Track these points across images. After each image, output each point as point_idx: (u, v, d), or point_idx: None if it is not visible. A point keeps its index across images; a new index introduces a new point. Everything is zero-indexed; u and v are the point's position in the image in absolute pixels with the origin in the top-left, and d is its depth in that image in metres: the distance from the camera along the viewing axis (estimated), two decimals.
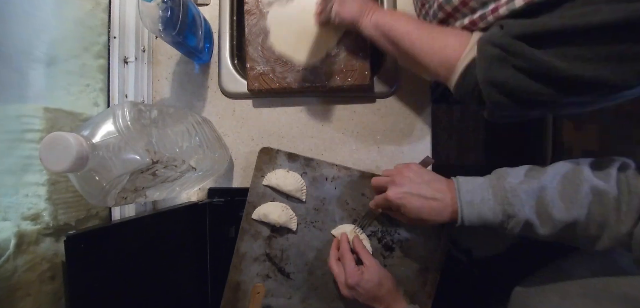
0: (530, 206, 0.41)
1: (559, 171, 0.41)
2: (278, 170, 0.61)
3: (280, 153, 0.61)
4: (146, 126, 0.42)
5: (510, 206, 0.41)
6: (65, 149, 0.33)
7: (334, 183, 0.61)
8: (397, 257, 0.60)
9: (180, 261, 0.59)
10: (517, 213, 0.41)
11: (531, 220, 0.41)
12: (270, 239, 0.61)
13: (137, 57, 0.62)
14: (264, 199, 0.61)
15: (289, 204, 0.61)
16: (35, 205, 0.46)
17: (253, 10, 0.62)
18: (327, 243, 0.60)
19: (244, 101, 0.66)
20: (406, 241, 0.60)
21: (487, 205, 0.43)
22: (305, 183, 0.61)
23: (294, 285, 0.61)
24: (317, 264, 0.61)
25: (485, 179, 0.45)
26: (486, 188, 0.44)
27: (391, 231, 0.60)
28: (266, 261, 0.61)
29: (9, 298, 0.42)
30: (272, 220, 0.59)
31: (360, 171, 0.60)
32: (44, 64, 0.50)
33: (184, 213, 0.60)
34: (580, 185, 0.39)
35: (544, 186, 0.40)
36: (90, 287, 0.44)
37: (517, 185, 0.42)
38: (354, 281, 0.52)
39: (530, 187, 0.41)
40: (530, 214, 0.41)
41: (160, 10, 0.50)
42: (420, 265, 0.59)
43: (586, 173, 0.40)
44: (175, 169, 0.46)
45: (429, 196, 0.46)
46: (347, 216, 0.60)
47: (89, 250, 0.44)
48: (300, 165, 0.61)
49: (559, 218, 0.39)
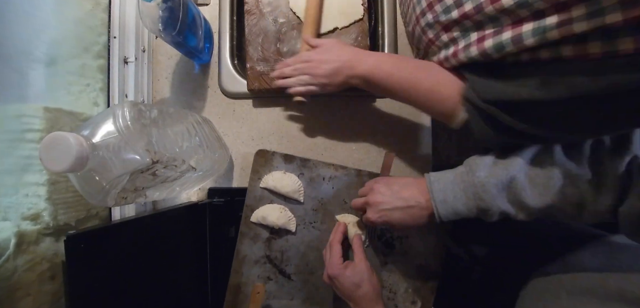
0: (502, 197, 0.41)
1: (528, 157, 0.41)
2: (275, 172, 0.61)
3: (276, 155, 0.61)
4: (146, 126, 0.42)
5: (482, 201, 0.42)
6: (65, 149, 0.32)
7: (331, 182, 0.61)
8: (397, 254, 0.60)
9: (180, 261, 0.59)
10: (490, 206, 0.41)
11: (505, 209, 0.41)
12: (269, 241, 0.61)
13: (137, 57, 0.62)
14: (261, 201, 0.61)
15: (287, 205, 0.61)
16: (35, 204, 0.46)
17: (253, 10, 0.62)
18: (327, 243, 0.60)
19: (244, 101, 0.66)
20: (405, 238, 0.60)
21: (460, 201, 0.43)
22: (303, 183, 0.61)
23: (295, 286, 0.61)
24: (318, 264, 0.61)
25: (455, 175, 0.45)
26: (457, 184, 0.44)
27: (390, 229, 0.60)
28: (266, 264, 0.61)
29: (9, 298, 0.41)
30: (270, 222, 0.59)
31: (357, 170, 0.60)
32: (44, 64, 0.50)
33: (184, 213, 0.60)
34: (552, 170, 0.39)
35: (513, 177, 0.40)
36: (90, 287, 0.44)
37: (486, 178, 0.42)
38: (333, 273, 0.52)
39: (499, 180, 0.41)
40: (503, 205, 0.41)
41: (160, 10, 0.50)
42: (420, 261, 0.59)
43: (557, 156, 0.39)
44: (175, 169, 0.46)
45: (404, 205, 0.47)
46: None
47: (89, 250, 0.44)
48: (297, 166, 0.61)
49: (533, 205, 0.39)
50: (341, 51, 0.53)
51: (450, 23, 0.41)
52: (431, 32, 0.46)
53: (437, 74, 0.46)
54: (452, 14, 0.40)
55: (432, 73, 0.46)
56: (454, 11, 0.40)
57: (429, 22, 0.45)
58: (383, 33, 0.65)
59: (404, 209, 0.47)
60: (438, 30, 0.44)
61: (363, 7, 0.61)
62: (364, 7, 0.61)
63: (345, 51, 0.53)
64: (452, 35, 0.42)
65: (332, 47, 0.54)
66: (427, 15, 0.45)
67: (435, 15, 0.43)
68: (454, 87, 0.43)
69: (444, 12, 0.41)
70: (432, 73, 0.46)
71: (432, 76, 0.46)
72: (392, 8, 0.65)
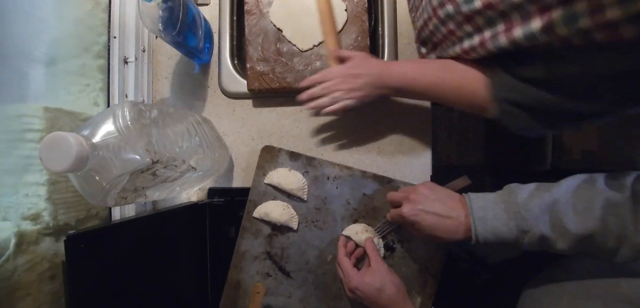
0: (544, 220, 0.40)
1: (572, 185, 0.41)
2: (280, 169, 0.61)
3: (282, 152, 0.61)
4: (146, 126, 0.42)
5: (523, 221, 0.41)
6: (65, 149, 0.32)
7: (335, 182, 0.61)
8: (398, 257, 0.60)
9: (180, 261, 0.59)
10: (532, 227, 0.41)
11: (546, 234, 0.40)
12: (271, 237, 0.61)
13: (137, 57, 0.62)
14: (265, 197, 0.61)
15: (290, 203, 0.61)
16: (35, 204, 0.46)
17: (253, 10, 0.62)
18: (328, 242, 0.61)
19: (244, 101, 0.66)
20: (407, 242, 0.60)
21: (501, 221, 0.42)
22: (307, 182, 0.61)
23: (294, 284, 0.61)
24: (318, 263, 0.61)
25: (496, 195, 0.45)
26: (498, 203, 0.43)
27: (392, 232, 0.60)
28: (266, 260, 0.61)
29: (9, 298, 0.41)
30: (273, 219, 0.59)
31: (362, 171, 0.60)
32: (44, 64, 0.50)
33: (184, 213, 0.60)
34: (594, 197, 0.38)
35: (557, 200, 0.40)
36: (90, 287, 0.44)
37: (529, 199, 0.41)
38: (353, 284, 0.52)
39: (542, 201, 0.41)
40: (544, 228, 0.40)
41: (160, 10, 0.50)
42: (420, 266, 0.59)
43: (600, 185, 0.39)
44: (175, 169, 0.46)
45: (443, 213, 0.46)
46: (348, 216, 0.61)
47: (89, 250, 0.44)
48: (302, 164, 0.61)
49: (574, 231, 0.38)
50: (370, 64, 0.53)
51: (472, 13, 0.41)
52: (452, 23, 0.45)
53: (460, 71, 0.47)
54: (474, 4, 0.39)
55: (456, 71, 0.47)
56: (476, 1, 0.39)
57: (449, 13, 0.44)
58: (383, 33, 0.65)
59: (441, 217, 0.46)
60: (460, 21, 0.43)
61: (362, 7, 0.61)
62: (364, 8, 0.61)
63: (373, 64, 0.53)
64: (477, 24, 0.42)
65: (362, 61, 0.54)
66: (447, 7, 0.44)
67: (456, 6, 0.42)
68: (480, 82, 0.45)
69: (466, 2, 0.41)
70: (456, 71, 0.47)
71: (457, 74, 0.47)
72: (392, 8, 0.65)
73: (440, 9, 0.45)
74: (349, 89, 0.53)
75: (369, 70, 0.52)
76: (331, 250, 0.61)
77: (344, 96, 0.53)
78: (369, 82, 0.52)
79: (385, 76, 0.52)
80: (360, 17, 0.61)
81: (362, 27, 0.61)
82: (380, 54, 0.66)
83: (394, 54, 0.65)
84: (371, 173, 0.60)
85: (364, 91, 0.52)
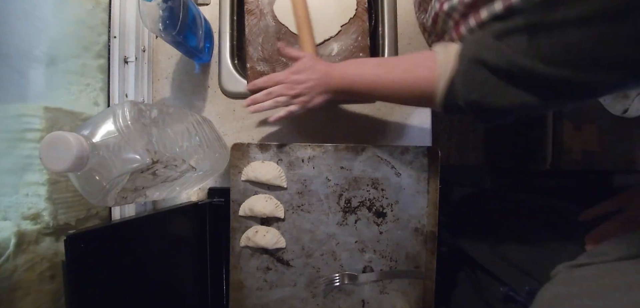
0: None
1: None
2: (253, 163, 0.61)
3: (251, 146, 0.61)
4: (146, 126, 0.42)
5: None
6: (65, 148, 0.32)
7: (311, 162, 0.61)
8: (390, 222, 0.60)
9: (180, 261, 0.59)
10: None
11: None
12: None
13: (137, 57, 0.62)
14: (246, 194, 0.61)
15: (272, 194, 0.61)
16: (35, 204, 0.46)
17: (253, 10, 0.62)
18: (318, 223, 0.61)
19: (244, 101, 0.66)
20: (396, 203, 0.60)
21: None
22: (283, 169, 0.61)
23: (296, 271, 0.61)
24: (313, 246, 0.61)
25: None
26: None
27: (379, 197, 0.60)
28: (263, 254, 0.61)
29: (9, 297, 0.41)
30: (258, 212, 0.60)
31: (334, 145, 0.60)
32: (44, 64, 0.50)
33: (184, 213, 0.60)
34: None
35: None
36: (90, 287, 0.44)
37: None
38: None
39: None
40: None
41: (160, 10, 0.51)
42: (415, 224, 0.60)
43: None
44: (175, 169, 0.46)
45: None
46: (332, 192, 0.60)
47: (89, 250, 0.44)
48: (274, 153, 0.61)
49: None
50: (314, 68, 0.51)
51: None
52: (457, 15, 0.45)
53: (404, 61, 0.46)
54: None
55: (399, 62, 0.47)
56: None
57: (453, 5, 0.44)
58: (383, 33, 0.65)
59: None
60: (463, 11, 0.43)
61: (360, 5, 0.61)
62: (364, 8, 0.61)
63: (317, 67, 0.51)
64: None
65: (305, 65, 0.52)
66: None
67: None
68: (429, 61, 0.43)
69: None
70: (399, 62, 0.47)
71: (400, 64, 0.46)
72: (392, 8, 0.65)
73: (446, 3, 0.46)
74: (294, 95, 0.51)
75: (312, 74, 0.51)
76: (323, 229, 0.61)
77: (288, 101, 0.52)
78: (312, 86, 0.51)
79: (329, 78, 0.50)
80: (360, 17, 0.61)
81: (362, 27, 0.61)
82: (380, 54, 0.66)
83: (394, 54, 0.65)
84: (343, 145, 0.60)
85: (307, 96, 0.51)
